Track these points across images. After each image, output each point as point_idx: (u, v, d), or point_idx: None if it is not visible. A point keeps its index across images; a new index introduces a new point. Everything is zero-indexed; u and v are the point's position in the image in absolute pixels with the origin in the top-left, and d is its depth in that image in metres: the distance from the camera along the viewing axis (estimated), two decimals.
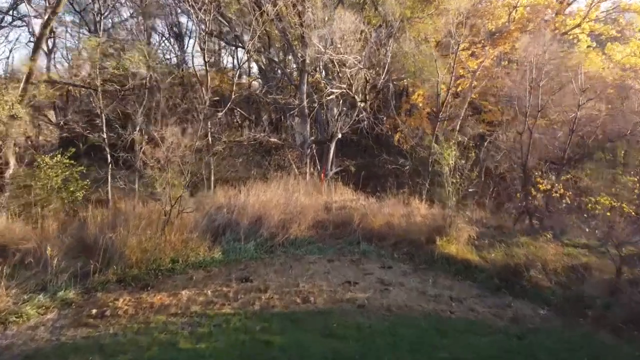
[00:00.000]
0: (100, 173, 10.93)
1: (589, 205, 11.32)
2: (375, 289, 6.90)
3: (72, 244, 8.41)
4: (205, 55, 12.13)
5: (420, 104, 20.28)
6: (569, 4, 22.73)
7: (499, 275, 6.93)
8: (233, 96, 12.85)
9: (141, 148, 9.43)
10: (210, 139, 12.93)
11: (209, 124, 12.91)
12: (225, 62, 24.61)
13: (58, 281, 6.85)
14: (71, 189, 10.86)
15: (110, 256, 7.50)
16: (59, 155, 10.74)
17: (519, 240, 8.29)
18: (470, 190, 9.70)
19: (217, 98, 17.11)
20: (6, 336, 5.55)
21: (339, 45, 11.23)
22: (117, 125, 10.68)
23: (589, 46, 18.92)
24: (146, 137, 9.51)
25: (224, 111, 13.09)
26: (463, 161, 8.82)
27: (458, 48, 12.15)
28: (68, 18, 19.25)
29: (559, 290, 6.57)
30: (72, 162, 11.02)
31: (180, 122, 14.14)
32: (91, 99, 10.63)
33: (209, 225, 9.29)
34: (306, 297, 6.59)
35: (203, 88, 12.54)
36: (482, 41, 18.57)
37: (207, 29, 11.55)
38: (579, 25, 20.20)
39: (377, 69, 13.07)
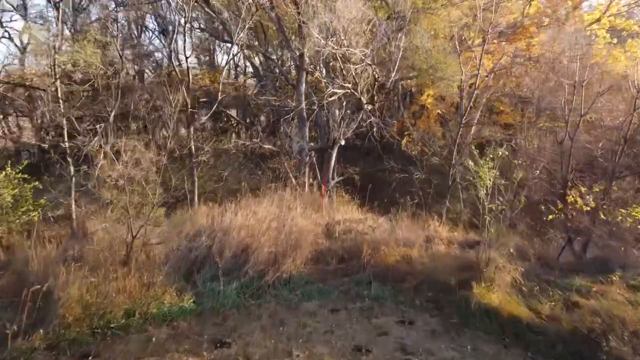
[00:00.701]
0: (53, 191, 9.08)
1: (620, 217, 9.56)
2: None
3: (5, 286, 6.64)
4: (187, 50, 10.31)
5: (429, 106, 18.53)
6: None
7: (565, 343, 5.10)
8: (219, 97, 11.02)
9: (97, 163, 7.61)
10: (193, 147, 11.11)
11: (192, 130, 11.09)
12: (220, 61, 22.82)
13: None
14: (22, 209, 9.07)
15: (45, 310, 5.71)
16: (9, 169, 8.96)
17: (575, 283, 6.47)
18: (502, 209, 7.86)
19: (205, 99, 15.33)
20: None
21: (342, 38, 9.41)
22: (77, 134, 8.84)
23: (608, 42, 17.24)
24: (103, 149, 7.68)
25: (208, 115, 11.26)
26: (502, 180, 6.95)
27: (487, 39, 10.28)
28: (51, 13, 17.54)
29: None
30: (24, 176, 9.25)
31: (161, 127, 12.35)
32: (43, 102, 8.81)
33: (183, 259, 7.47)
34: None
35: (184, 88, 10.73)
36: (498, 37, 16.81)
37: (186, 18, 9.72)
38: (598, 20, 18.52)
39: (388, 65, 11.21)
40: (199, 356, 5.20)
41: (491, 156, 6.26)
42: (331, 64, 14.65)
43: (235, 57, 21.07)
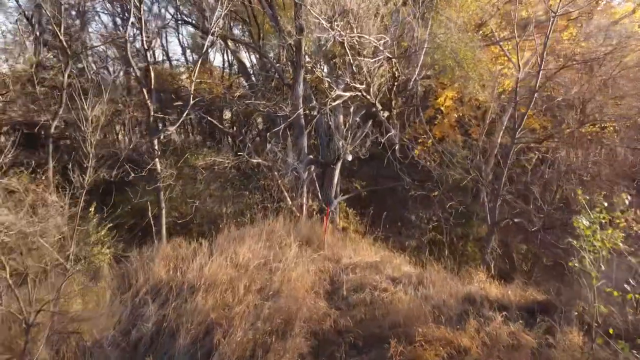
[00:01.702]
0: None
1: None
2: None
3: None
4: (144, 41, 7.82)
5: (446, 109, 16.04)
6: None
7: None
8: (192, 102, 8.54)
9: None
10: (158, 166, 8.63)
11: (155, 142, 8.60)
12: (213, 59, 20.29)
13: None
14: None
15: None
16: None
17: None
18: None
19: (180, 103, 12.82)
20: None
21: (352, 21, 6.91)
22: None
23: None
24: None
25: (176, 125, 8.77)
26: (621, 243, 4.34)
27: (554, 20, 7.77)
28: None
29: None
30: None
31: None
32: None
33: (117, 347, 5.00)
34: None
35: (145, 91, 8.25)
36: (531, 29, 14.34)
37: None
38: (632, 13, 16.10)
39: (412, 60, 8.67)
40: None
41: (603, 203, 3.75)
42: (334, 60, 12.20)
43: (227, 54, 18.62)
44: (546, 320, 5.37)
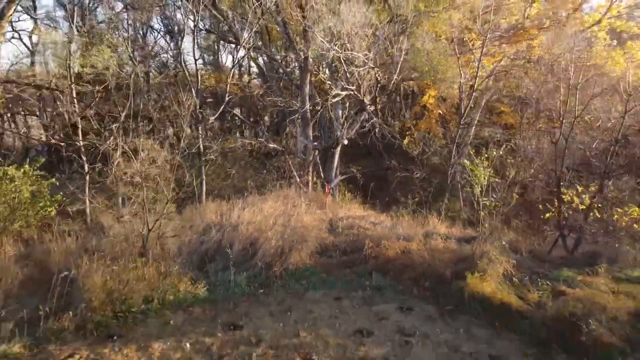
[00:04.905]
0: (71, 187, 9.57)
1: (615, 216, 9.95)
2: (394, 342, 5.54)
3: (29, 276, 7.10)
4: (195, 52, 10.78)
5: (431, 107, 18.90)
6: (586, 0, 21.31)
7: (549, 326, 5.54)
8: (227, 98, 11.48)
9: (114, 161, 8.09)
10: (201, 146, 11.58)
11: (200, 129, 11.56)
12: (224, 61, 23.27)
13: (2, 330, 5.55)
14: (40, 204, 9.56)
15: (70, 295, 6.18)
16: (27, 166, 9.45)
17: (563, 274, 6.91)
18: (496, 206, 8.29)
19: (212, 100, 15.78)
20: None
21: (346, 42, 9.85)
22: (92, 133, 9.33)
23: (608, 44, 17.54)
24: (121, 147, 8.16)
25: (216, 115, 11.72)
26: (496, 178, 7.37)
27: (485, 42, 10.68)
28: (60, 13, 18.09)
29: (628, 349, 5.19)
30: (43, 173, 9.74)
31: (171, 126, 12.80)
32: (60, 102, 9.30)
33: (195, 252, 7.95)
34: (308, 355, 5.23)
35: (194, 89, 11.19)
36: (499, 39, 17.15)
37: (196, 22, 10.19)
38: (598, 22, 18.77)
39: (390, 66, 11.65)
40: (214, 337, 5.67)
41: (486, 155, 6.69)
42: (335, 64, 15.09)
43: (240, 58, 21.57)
44: (471, 242, 8.31)
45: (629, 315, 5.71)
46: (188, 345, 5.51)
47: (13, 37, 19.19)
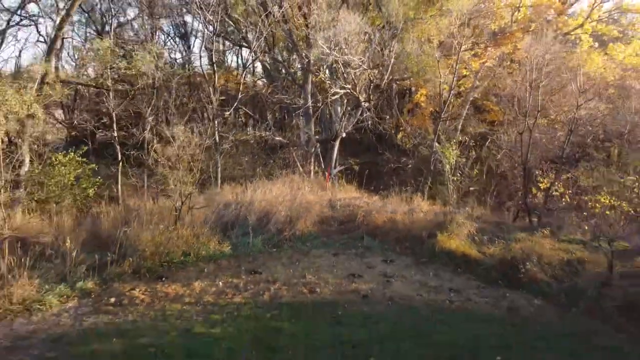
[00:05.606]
0: (112, 171, 11.28)
1: (590, 203, 11.63)
2: (379, 281, 7.23)
3: (87, 238, 8.78)
4: (213, 56, 12.46)
5: (423, 104, 20.56)
6: (571, 5, 22.87)
7: (497, 268, 7.24)
8: (240, 96, 13.17)
9: (152, 146, 9.80)
10: (217, 138, 13.27)
11: (216, 122, 13.25)
12: (229, 61, 24.98)
13: (77, 272, 7.22)
14: (83, 185, 11.26)
15: (125, 249, 7.86)
16: (72, 153, 11.13)
17: (517, 236, 8.57)
18: (471, 188, 10.01)
19: (223, 97, 17.48)
20: (32, 322, 5.91)
21: (343, 47, 11.54)
22: (127, 124, 11.03)
23: (591, 46, 19.06)
24: (157, 135, 9.83)
25: (230, 110, 13.43)
26: (464, 160, 9.12)
27: (460, 49, 12.38)
28: (75, 17, 19.71)
29: (554, 283, 6.87)
30: (84, 159, 11.42)
31: (189, 120, 14.50)
32: (103, 98, 11.00)
33: (218, 221, 9.65)
34: (313, 289, 6.92)
35: (211, 88, 12.89)
36: (485, 42, 18.79)
37: (215, 31, 11.88)
38: (581, 26, 20.30)
39: (381, 69, 13.36)
40: (239, 278, 7.38)
41: (454, 141, 8.38)
42: (334, 66, 16.80)
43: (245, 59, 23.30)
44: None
45: (561, 262, 7.43)
46: (220, 283, 7.22)
47: (38, 40, 20.97)
